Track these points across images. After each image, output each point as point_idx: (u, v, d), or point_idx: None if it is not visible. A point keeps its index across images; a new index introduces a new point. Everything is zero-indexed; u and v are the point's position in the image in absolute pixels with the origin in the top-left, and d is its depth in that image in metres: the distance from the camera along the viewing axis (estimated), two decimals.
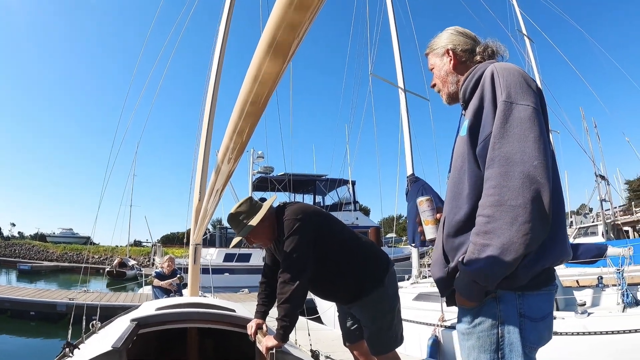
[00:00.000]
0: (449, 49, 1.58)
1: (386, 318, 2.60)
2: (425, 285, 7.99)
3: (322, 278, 2.55)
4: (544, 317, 1.31)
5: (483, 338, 1.29)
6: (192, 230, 4.63)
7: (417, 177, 7.84)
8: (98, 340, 2.75)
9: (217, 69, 4.74)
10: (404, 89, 9.95)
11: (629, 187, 41.93)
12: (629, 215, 27.17)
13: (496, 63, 1.43)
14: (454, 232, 1.38)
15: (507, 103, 1.26)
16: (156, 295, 6.75)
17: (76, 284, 16.26)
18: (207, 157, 4.76)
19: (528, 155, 1.18)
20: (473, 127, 1.36)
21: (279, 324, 2.31)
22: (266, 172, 23.05)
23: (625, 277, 4.88)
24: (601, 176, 18.89)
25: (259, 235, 2.61)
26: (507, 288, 1.27)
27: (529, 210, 1.15)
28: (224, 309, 3.03)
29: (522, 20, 15.86)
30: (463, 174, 1.38)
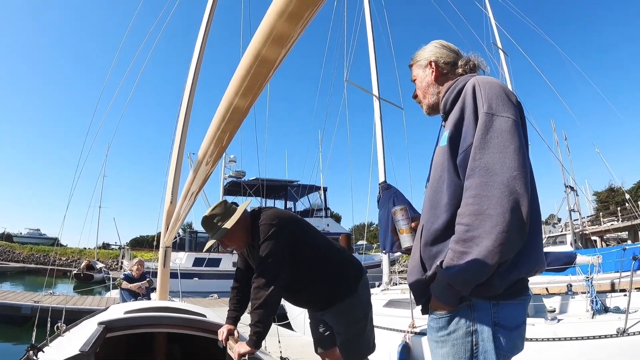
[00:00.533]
0: (432, 60, 1.61)
1: (359, 325, 2.59)
2: (396, 292, 8.00)
3: (295, 284, 2.51)
4: (518, 326, 1.32)
5: (457, 346, 1.30)
6: (163, 233, 4.50)
7: (389, 184, 7.88)
8: (64, 343, 2.63)
9: (195, 71, 4.67)
10: (378, 96, 10.01)
11: (597, 199, 43.28)
12: (597, 225, 27.98)
13: (478, 76, 1.47)
14: (432, 240, 1.39)
15: (489, 115, 1.29)
16: (124, 298, 6.61)
17: (42, 286, 15.71)
18: (180, 159, 4.68)
19: (507, 166, 1.21)
20: (453, 138, 1.38)
21: (252, 330, 2.26)
22: (238, 177, 22.78)
23: (594, 285, 4.94)
24: (570, 187, 19.33)
25: (233, 239, 2.56)
26: (481, 296, 1.28)
27: (507, 220, 1.17)
28: (195, 314, 2.97)
29: (498, 34, 16.20)
30: (442, 183, 1.40)
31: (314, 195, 23.86)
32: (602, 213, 31.95)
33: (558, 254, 6.42)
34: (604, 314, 4.64)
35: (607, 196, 42.44)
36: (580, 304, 5.23)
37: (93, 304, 11.49)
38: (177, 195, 4.57)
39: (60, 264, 38.13)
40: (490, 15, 16.26)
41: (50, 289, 14.38)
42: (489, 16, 16.30)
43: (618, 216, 27.68)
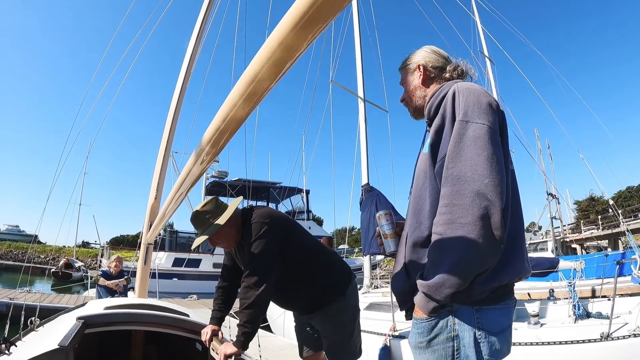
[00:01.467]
0: (421, 64, 1.61)
1: (346, 329, 2.55)
2: (377, 295, 8.00)
3: (284, 285, 2.45)
4: (502, 330, 1.31)
5: (439, 351, 1.29)
6: (145, 229, 4.39)
7: (372, 186, 7.83)
8: (39, 338, 2.53)
9: (188, 67, 4.60)
10: (363, 98, 9.97)
11: (577, 207, 44.00)
12: (577, 233, 28.36)
13: (460, 82, 1.46)
14: (415, 247, 1.39)
15: (463, 122, 1.28)
16: (100, 295, 6.49)
17: (21, 284, 15.35)
18: (167, 155, 4.60)
19: (479, 173, 1.20)
20: (434, 145, 1.38)
21: (240, 330, 2.19)
22: (220, 177, 22.54)
23: (576, 290, 4.95)
24: (552, 195, 19.57)
25: (223, 237, 2.48)
26: (463, 302, 1.27)
27: (478, 228, 1.16)
28: (178, 313, 2.87)
29: (485, 42, 16.33)
30: (424, 190, 1.41)
31: (297, 197, 23.73)
32: (583, 221, 32.48)
33: (541, 259, 6.45)
34: (586, 319, 4.66)
35: (588, 205, 43.25)
36: (562, 309, 5.25)
37: (70, 302, 11.22)
38: (162, 191, 4.47)
39: (39, 262, 37.43)
40: (478, 22, 16.40)
41: (26, 286, 14.02)
42: (477, 24, 16.44)
43: (598, 224, 28.15)
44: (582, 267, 5.80)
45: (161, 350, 3.58)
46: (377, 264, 23.34)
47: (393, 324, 5.60)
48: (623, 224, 14.45)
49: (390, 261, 30.71)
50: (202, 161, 1.90)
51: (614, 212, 15.15)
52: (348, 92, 10.36)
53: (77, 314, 2.51)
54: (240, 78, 1.19)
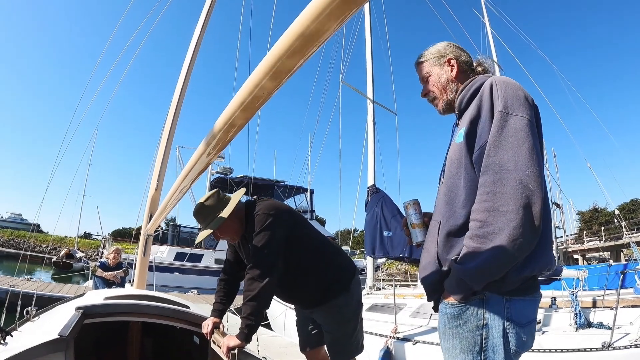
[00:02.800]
0: (451, 57, 1.62)
1: (350, 324, 2.54)
2: (379, 296, 7.96)
3: (288, 278, 2.43)
4: (529, 322, 1.33)
5: (467, 338, 1.30)
6: (145, 220, 4.36)
7: (378, 188, 7.80)
8: (35, 328, 2.52)
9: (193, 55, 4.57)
10: (372, 100, 9.94)
11: (580, 218, 43.79)
12: (580, 244, 28.24)
13: (495, 76, 1.49)
14: (449, 236, 1.39)
15: (504, 113, 1.31)
16: (97, 286, 6.49)
17: (21, 272, 15.41)
18: (169, 145, 4.56)
19: (521, 164, 1.23)
20: (470, 135, 1.40)
21: (244, 323, 2.18)
22: (225, 173, 22.40)
23: (578, 299, 4.92)
24: (556, 204, 19.46)
25: (227, 230, 2.46)
26: (495, 291, 1.29)
27: (520, 216, 1.19)
28: (177, 304, 2.84)
29: (494, 47, 16.28)
30: (459, 179, 1.41)
31: (301, 196, 23.66)
32: (586, 232, 32.36)
33: None
34: (587, 329, 4.62)
35: (591, 216, 43.06)
36: (563, 318, 5.21)
37: (70, 292, 11.28)
38: (162, 182, 4.45)
39: (40, 251, 37.57)
40: (487, 27, 16.36)
41: (23, 274, 14.06)
42: (486, 28, 16.40)
43: (601, 236, 28.02)
44: (585, 276, 5.76)
45: (157, 342, 3.58)
46: (379, 267, 23.30)
47: (395, 326, 5.56)
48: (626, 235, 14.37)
49: (391, 264, 30.66)
50: (209, 153, 1.88)
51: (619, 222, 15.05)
52: (357, 92, 10.33)
53: (75, 304, 2.48)
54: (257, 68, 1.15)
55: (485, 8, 17.05)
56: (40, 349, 1.85)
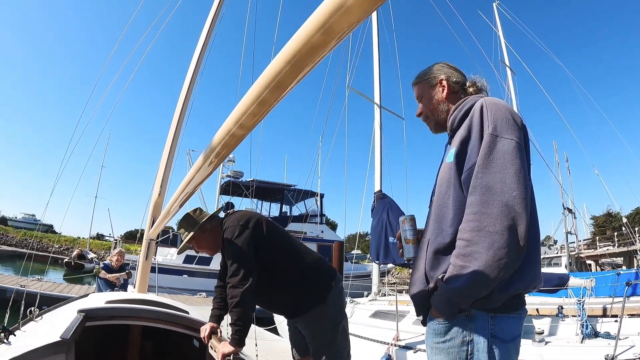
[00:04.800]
0: (443, 79, 1.65)
1: (326, 336, 2.52)
2: (383, 303, 7.93)
3: (262, 287, 2.46)
4: (513, 339, 1.35)
5: (452, 354, 1.34)
6: (148, 225, 4.39)
7: (385, 193, 7.77)
8: (38, 328, 2.54)
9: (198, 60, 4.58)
10: (379, 105, 9.91)
11: (594, 223, 43.21)
12: (593, 249, 27.81)
13: (486, 97, 1.52)
14: (437, 254, 1.42)
15: (493, 136, 1.34)
16: (100, 288, 6.54)
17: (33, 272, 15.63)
18: (173, 150, 4.58)
19: (508, 186, 1.26)
20: (460, 155, 1.43)
21: (233, 329, 2.24)
22: (235, 177, 22.41)
23: (585, 308, 4.82)
24: (568, 209, 19.21)
25: (202, 245, 2.66)
26: (480, 308, 1.32)
27: (505, 237, 1.23)
28: (179, 310, 2.87)
29: (506, 51, 16.12)
30: (448, 198, 1.44)
31: (310, 200, 23.58)
32: (599, 237, 31.86)
33: (550, 274, 6.32)
34: (594, 339, 4.52)
35: (605, 221, 42.42)
36: (570, 327, 5.12)
37: (80, 292, 11.38)
38: (165, 188, 4.46)
39: (53, 252, 38.07)
40: (499, 32, 16.22)
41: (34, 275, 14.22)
42: (498, 33, 16.25)
43: (614, 241, 27.57)
44: (592, 285, 5.66)
45: (158, 345, 3.60)
46: (389, 271, 23.15)
47: (397, 334, 5.54)
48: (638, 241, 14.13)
49: (402, 269, 30.46)
50: (210, 163, 1.89)
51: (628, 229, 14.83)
52: (364, 98, 10.30)
53: (77, 307, 2.51)
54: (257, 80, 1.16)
55: (498, 12, 16.93)
56: (43, 351, 1.87)
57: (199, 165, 2.00)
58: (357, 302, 8.25)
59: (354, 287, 10.61)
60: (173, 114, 4.62)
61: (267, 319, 9.15)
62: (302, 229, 19.47)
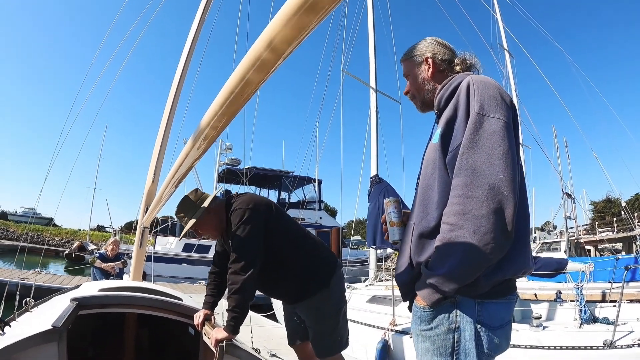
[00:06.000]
0: (429, 57, 1.59)
1: (330, 320, 2.53)
2: (380, 288, 7.96)
3: (267, 273, 2.45)
4: (502, 325, 1.31)
5: (438, 342, 1.30)
6: (142, 213, 4.36)
7: (381, 178, 7.74)
8: (33, 318, 2.55)
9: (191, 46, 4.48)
10: (375, 89, 9.85)
11: (593, 208, 43.30)
12: (592, 235, 27.88)
13: (473, 75, 1.47)
14: (421, 237, 1.38)
15: (479, 115, 1.28)
16: (95, 277, 6.57)
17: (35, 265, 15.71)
18: (166, 137, 4.51)
19: (494, 167, 1.21)
20: (445, 136, 1.38)
21: (230, 315, 2.23)
22: (233, 165, 22.33)
23: (584, 293, 4.80)
24: (568, 194, 19.18)
25: (205, 228, 2.55)
26: (466, 294, 1.28)
27: (491, 221, 1.17)
28: (171, 297, 2.87)
29: (504, 35, 15.97)
30: (433, 180, 1.40)
31: (309, 187, 23.57)
32: (598, 223, 31.93)
33: (549, 259, 6.30)
34: (592, 324, 4.51)
35: (604, 207, 42.53)
36: (568, 312, 5.12)
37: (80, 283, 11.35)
38: (159, 175, 4.42)
39: (54, 244, 38.20)
40: (497, 15, 16.05)
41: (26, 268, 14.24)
42: (496, 17, 16.08)
43: (614, 227, 27.61)
44: (591, 269, 5.63)
45: (154, 334, 3.61)
46: (388, 257, 23.19)
47: (393, 319, 5.55)
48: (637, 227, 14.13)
49: None
50: (199, 146, 1.88)
51: (627, 215, 14.82)
52: (360, 82, 10.21)
53: (71, 296, 2.51)
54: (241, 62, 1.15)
55: None
56: (34, 339, 1.88)
57: (188, 149, 2.00)
58: (354, 288, 8.28)
59: (352, 272, 10.62)
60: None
61: (267, 305, 9.17)
62: (300, 215, 19.47)
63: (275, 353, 4.39)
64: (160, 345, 3.60)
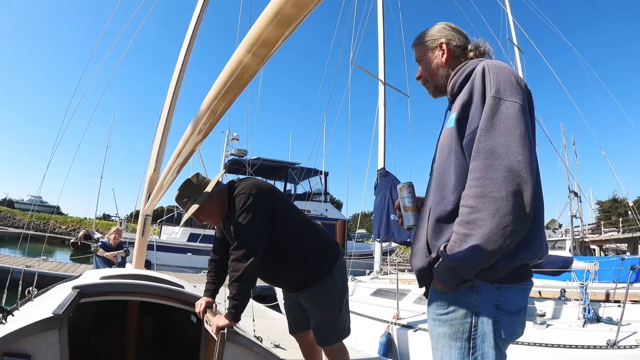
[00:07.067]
0: (443, 42, 1.58)
1: (334, 308, 2.52)
2: (385, 281, 7.94)
3: (270, 260, 2.43)
4: (518, 310, 1.32)
5: (455, 326, 1.30)
6: (143, 201, 4.39)
7: (388, 171, 7.73)
8: (35, 307, 2.55)
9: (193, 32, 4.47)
10: (384, 81, 9.79)
11: (600, 208, 43.00)
12: (598, 234, 27.72)
13: (487, 60, 1.46)
14: (439, 222, 1.38)
15: (496, 98, 1.28)
16: (98, 266, 6.59)
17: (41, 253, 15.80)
18: (168, 125, 4.51)
19: (512, 150, 1.21)
20: (461, 120, 1.38)
21: (230, 303, 2.22)
22: (240, 155, 22.39)
23: (588, 292, 4.78)
24: (574, 192, 19.04)
25: (208, 213, 2.49)
26: (484, 279, 1.28)
27: (510, 203, 1.17)
28: (173, 284, 2.87)
29: (514, 30, 15.81)
30: (449, 164, 1.40)
31: (315, 179, 23.57)
32: (604, 223, 31.74)
33: (554, 257, 6.25)
34: (596, 324, 4.50)
35: (610, 206, 42.21)
36: (572, 310, 5.09)
37: (80, 271, 11.43)
38: (161, 163, 4.43)
39: (60, 232, 38.42)
40: (508, 10, 15.87)
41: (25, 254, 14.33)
42: (506, 11, 15.91)
43: (619, 227, 27.44)
44: (596, 269, 5.59)
45: (156, 321, 3.63)
46: (393, 250, 23.16)
47: (397, 312, 5.56)
48: None
49: (406, 248, 30.53)
50: (199, 131, 1.86)
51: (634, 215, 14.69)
52: (368, 74, 10.16)
53: (73, 284, 2.51)
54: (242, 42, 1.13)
55: None
56: (35, 327, 1.88)
57: (188, 134, 1.98)
58: (359, 280, 8.27)
59: (357, 265, 10.63)
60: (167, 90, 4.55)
61: (271, 296, 9.18)
62: (306, 207, 19.47)
63: (278, 344, 4.40)
64: (163, 332, 3.61)
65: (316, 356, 2.83)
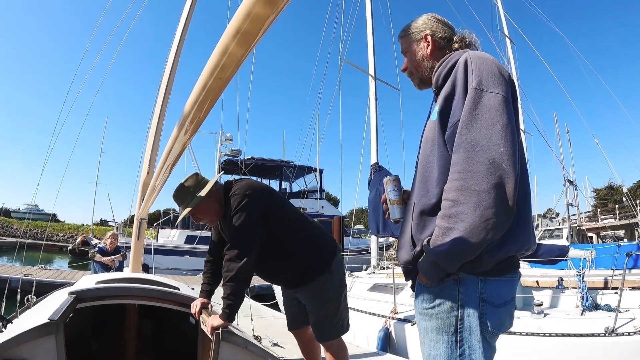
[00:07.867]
0: (428, 34, 1.57)
1: (332, 304, 2.54)
2: (382, 276, 7.98)
3: (267, 259, 2.46)
4: (505, 303, 1.31)
5: (442, 320, 1.30)
6: (138, 205, 4.39)
7: (381, 166, 7.73)
8: (33, 314, 2.56)
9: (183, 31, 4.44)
10: (374, 76, 9.80)
11: (595, 195, 43.16)
12: (594, 222, 27.81)
13: (470, 51, 1.44)
14: (422, 215, 1.37)
15: (477, 90, 1.27)
16: (95, 271, 6.57)
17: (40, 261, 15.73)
18: (160, 128, 4.51)
19: (494, 142, 1.19)
20: (443, 113, 1.37)
21: (225, 303, 2.23)
22: (234, 155, 22.34)
23: (585, 280, 4.79)
24: (569, 181, 19.12)
25: (205, 212, 2.50)
26: (469, 272, 1.27)
27: (492, 196, 1.16)
28: (168, 286, 2.89)
29: (505, 21, 15.84)
30: (432, 158, 1.39)
31: (310, 176, 23.57)
32: (600, 210, 31.85)
33: (550, 246, 6.28)
34: (594, 311, 4.51)
35: (606, 194, 42.36)
36: (570, 299, 5.10)
37: (78, 277, 11.40)
38: (154, 166, 4.41)
39: (57, 240, 38.28)
40: (498, 1, 15.89)
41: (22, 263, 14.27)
42: (496, 3, 15.94)
43: (616, 214, 27.56)
44: (592, 256, 5.61)
45: (155, 324, 3.65)
46: (390, 245, 23.18)
47: (394, 307, 5.56)
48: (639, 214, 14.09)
49: None
50: (185, 131, 1.85)
51: (629, 202, 14.77)
52: (359, 70, 10.15)
53: (69, 290, 2.51)
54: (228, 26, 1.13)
55: None
56: (31, 333, 1.88)
57: (175, 134, 1.98)
58: (356, 276, 8.28)
59: (354, 261, 10.64)
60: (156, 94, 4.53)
61: (269, 295, 9.16)
62: (302, 205, 19.45)
63: (277, 342, 4.39)
64: (162, 335, 3.62)
65: (315, 352, 2.85)
